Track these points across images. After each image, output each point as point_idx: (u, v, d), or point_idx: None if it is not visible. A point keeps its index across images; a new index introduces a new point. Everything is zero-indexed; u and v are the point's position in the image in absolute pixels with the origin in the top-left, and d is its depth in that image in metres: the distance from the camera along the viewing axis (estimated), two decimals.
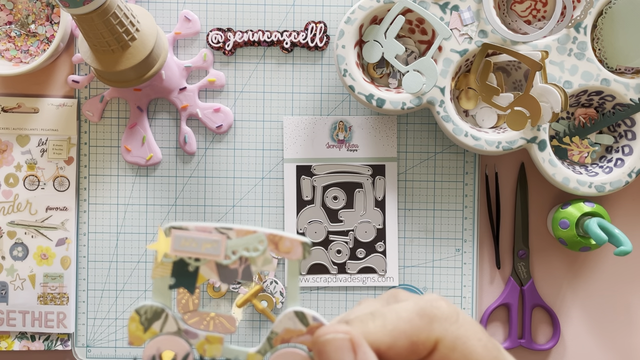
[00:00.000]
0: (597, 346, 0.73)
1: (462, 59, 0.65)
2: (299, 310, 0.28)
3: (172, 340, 0.29)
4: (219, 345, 0.29)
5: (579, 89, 0.65)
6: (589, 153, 0.69)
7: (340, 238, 0.72)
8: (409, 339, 0.26)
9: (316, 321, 0.28)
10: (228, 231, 0.28)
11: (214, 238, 0.28)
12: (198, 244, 0.28)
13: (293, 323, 0.28)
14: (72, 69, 0.72)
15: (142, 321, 0.29)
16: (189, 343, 0.29)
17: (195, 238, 0.28)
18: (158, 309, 0.29)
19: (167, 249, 0.28)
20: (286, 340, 0.29)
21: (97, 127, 0.72)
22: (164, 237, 0.28)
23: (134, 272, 0.72)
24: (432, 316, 0.27)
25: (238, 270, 0.28)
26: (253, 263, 0.28)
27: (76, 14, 0.56)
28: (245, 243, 0.28)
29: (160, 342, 0.29)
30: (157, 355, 0.29)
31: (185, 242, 0.28)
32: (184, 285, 0.28)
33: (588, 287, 0.73)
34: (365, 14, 0.64)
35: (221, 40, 0.71)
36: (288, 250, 0.28)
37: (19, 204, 0.70)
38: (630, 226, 0.72)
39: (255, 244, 0.28)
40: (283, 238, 0.28)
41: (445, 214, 0.72)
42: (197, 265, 0.28)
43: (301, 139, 0.71)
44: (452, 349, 0.26)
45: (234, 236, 0.28)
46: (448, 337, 0.26)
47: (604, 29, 0.65)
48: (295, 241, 0.28)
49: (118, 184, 0.72)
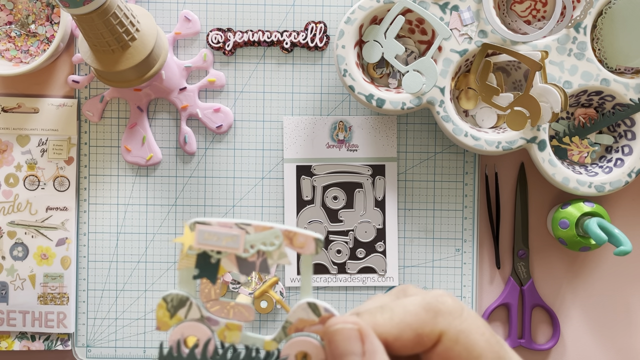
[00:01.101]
0: (597, 346, 0.73)
1: (462, 59, 0.65)
2: (311, 302, 0.30)
3: (195, 327, 0.31)
4: (238, 332, 0.31)
5: (578, 89, 0.65)
6: (588, 153, 0.69)
7: (340, 238, 0.72)
8: (414, 331, 0.28)
9: (327, 312, 0.30)
10: (247, 227, 0.30)
11: (234, 233, 0.30)
12: (220, 238, 0.30)
13: (306, 313, 0.30)
14: (72, 69, 0.72)
15: (168, 308, 0.31)
16: (211, 329, 0.31)
17: (217, 232, 0.30)
18: (183, 297, 0.31)
19: (192, 242, 0.30)
20: (300, 329, 0.31)
21: (97, 127, 0.72)
22: (189, 232, 0.30)
23: (134, 272, 0.72)
24: (437, 310, 0.28)
25: (256, 262, 0.31)
26: (269, 256, 0.31)
27: (76, 14, 0.56)
28: (262, 238, 0.30)
29: (184, 328, 0.31)
30: (182, 339, 0.31)
31: (208, 236, 0.30)
32: (207, 275, 0.31)
33: (588, 287, 0.73)
34: (365, 14, 0.64)
35: (221, 40, 0.71)
36: (302, 246, 0.30)
37: (19, 204, 0.71)
38: (630, 226, 0.72)
39: (272, 239, 0.30)
40: (297, 234, 0.30)
41: (445, 214, 0.72)
42: (219, 258, 0.31)
43: (301, 139, 0.71)
44: (455, 341, 0.28)
45: (253, 231, 0.30)
46: (452, 331, 0.28)
47: (604, 29, 0.66)
48: (309, 237, 0.30)
49: (118, 184, 0.72)
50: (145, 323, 0.72)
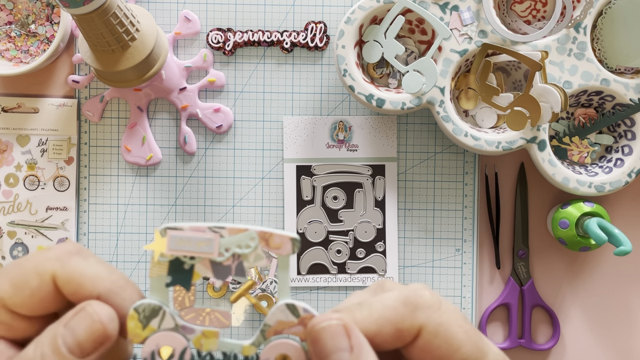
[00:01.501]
0: (597, 346, 0.73)
1: (462, 59, 0.65)
2: (290, 303, 0.29)
3: (170, 336, 0.30)
4: (215, 340, 0.30)
5: (578, 89, 0.65)
6: (588, 153, 0.69)
7: (340, 238, 0.72)
8: (394, 326, 0.28)
9: (307, 312, 0.29)
10: (221, 230, 0.29)
11: (208, 237, 0.29)
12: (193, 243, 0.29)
13: (285, 315, 0.29)
14: (72, 69, 0.72)
15: (140, 319, 0.29)
16: (186, 338, 0.30)
17: (190, 237, 0.29)
18: (156, 306, 0.30)
19: (164, 248, 0.29)
20: (279, 332, 0.30)
21: (97, 127, 0.72)
22: (159, 238, 0.29)
23: (134, 272, 0.72)
24: (416, 304, 0.28)
25: (231, 266, 0.29)
26: (245, 259, 0.30)
27: (76, 14, 0.56)
28: (237, 241, 0.29)
29: (158, 339, 0.30)
30: (156, 351, 0.30)
31: (181, 242, 0.29)
32: (180, 282, 0.30)
33: (588, 287, 0.73)
34: (365, 14, 0.64)
35: (221, 40, 0.71)
36: (278, 246, 0.29)
37: (19, 204, 0.71)
38: (630, 226, 0.72)
39: (247, 241, 0.29)
40: (273, 235, 0.29)
41: (445, 214, 0.72)
42: (192, 263, 0.29)
43: (301, 139, 0.71)
44: (435, 334, 0.28)
45: (227, 234, 0.29)
46: (431, 324, 0.28)
47: (604, 29, 0.66)
48: (285, 237, 0.29)
49: (118, 184, 0.72)
50: None
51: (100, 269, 0.29)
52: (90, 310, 0.28)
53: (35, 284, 0.28)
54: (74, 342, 0.27)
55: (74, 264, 0.29)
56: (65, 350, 0.27)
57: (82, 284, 0.28)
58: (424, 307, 0.28)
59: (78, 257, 0.29)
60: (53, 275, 0.28)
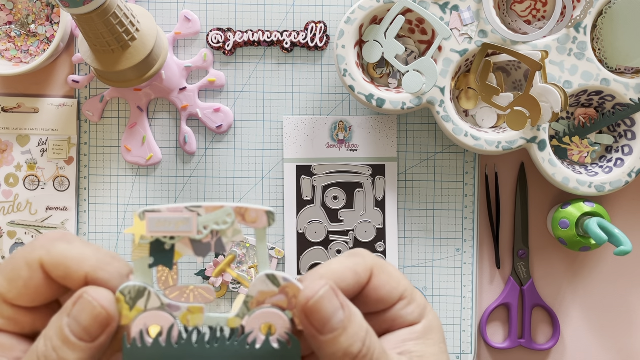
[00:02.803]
0: (597, 346, 0.73)
1: (462, 59, 0.65)
2: (269, 273, 0.31)
3: (157, 315, 0.31)
4: (200, 315, 0.31)
5: (578, 89, 0.65)
6: (588, 153, 0.69)
7: (340, 238, 0.72)
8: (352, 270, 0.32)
9: (286, 281, 0.31)
10: (198, 209, 0.30)
11: (186, 216, 0.30)
12: (171, 223, 0.30)
13: (266, 285, 0.31)
14: (72, 69, 0.72)
15: (127, 300, 0.30)
16: (173, 316, 0.31)
17: (168, 218, 0.30)
18: (141, 287, 0.30)
19: (143, 231, 0.30)
20: (261, 302, 0.31)
21: (97, 127, 0.72)
22: (138, 221, 0.30)
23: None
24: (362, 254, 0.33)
25: (211, 243, 0.31)
26: (224, 235, 0.31)
27: (76, 14, 0.56)
28: (214, 218, 0.30)
29: (146, 318, 0.30)
30: (145, 330, 0.31)
31: (159, 223, 0.30)
32: (163, 262, 0.31)
33: (588, 287, 0.73)
34: (365, 14, 0.64)
35: (221, 40, 0.71)
36: (254, 220, 0.31)
37: (19, 204, 0.71)
38: (630, 226, 0.72)
39: (224, 217, 0.30)
40: (249, 210, 0.31)
41: (445, 214, 0.72)
42: (173, 243, 0.31)
43: (301, 139, 0.71)
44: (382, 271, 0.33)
45: (204, 213, 0.30)
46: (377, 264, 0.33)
47: (604, 29, 0.66)
48: (260, 211, 0.31)
49: (118, 184, 0.72)
50: None
51: (86, 250, 0.30)
52: (88, 296, 0.29)
53: (26, 274, 0.29)
54: (81, 330, 0.28)
55: (59, 249, 0.30)
56: (75, 338, 0.28)
57: (69, 267, 0.29)
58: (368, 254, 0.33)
59: (62, 242, 0.30)
60: (40, 262, 0.29)
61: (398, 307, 0.33)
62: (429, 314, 0.34)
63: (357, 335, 0.30)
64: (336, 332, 0.30)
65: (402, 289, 0.33)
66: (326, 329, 0.30)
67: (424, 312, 0.34)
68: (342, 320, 0.30)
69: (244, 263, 0.70)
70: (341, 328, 0.30)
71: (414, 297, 0.33)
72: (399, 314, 0.33)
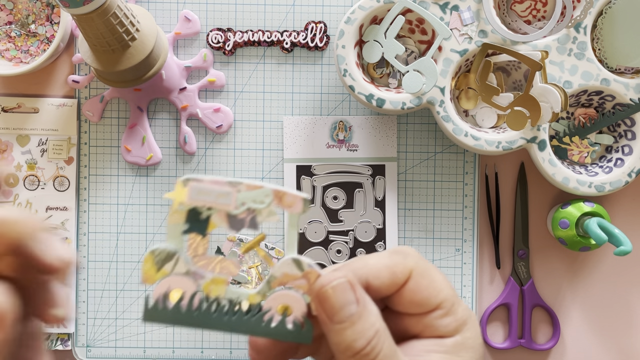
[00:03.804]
0: (597, 346, 0.73)
1: (462, 59, 0.65)
2: (296, 258, 0.32)
3: (181, 280, 0.32)
4: (223, 286, 0.32)
5: (578, 88, 0.65)
6: (588, 153, 0.69)
7: (340, 238, 0.72)
8: (389, 269, 0.33)
9: (310, 267, 0.32)
10: (239, 185, 0.32)
11: (227, 190, 0.31)
12: (212, 194, 0.31)
13: (290, 268, 0.32)
14: (72, 69, 0.72)
15: (155, 262, 0.32)
16: (197, 283, 0.32)
17: (210, 189, 0.31)
18: (171, 251, 0.32)
19: (184, 198, 0.31)
20: (283, 283, 0.32)
21: (97, 127, 0.72)
22: (180, 188, 0.31)
23: (134, 272, 0.72)
24: (405, 253, 0.34)
25: (245, 219, 0.32)
26: (259, 214, 0.32)
27: (76, 14, 0.56)
28: (253, 196, 0.32)
29: (170, 282, 0.32)
30: (167, 292, 0.32)
31: (200, 193, 0.31)
32: (196, 230, 0.32)
33: (588, 287, 0.73)
34: (365, 14, 0.64)
35: (221, 40, 0.71)
36: (290, 205, 0.32)
37: (19, 204, 0.71)
38: (630, 226, 0.72)
39: (262, 197, 0.32)
40: (286, 194, 0.32)
41: (445, 214, 0.72)
42: (209, 214, 0.32)
43: (301, 139, 0.71)
44: (422, 275, 0.33)
45: (244, 190, 0.32)
46: (419, 267, 0.33)
47: (604, 29, 0.66)
48: (297, 197, 0.32)
49: (118, 184, 0.72)
50: (145, 323, 0.72)
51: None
52: None
53: None
54: None
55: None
56: None
57: None
58: (411, 255, 0.33)
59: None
60: None
61: (433, 316, 0.33)
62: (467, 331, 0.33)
63: (363, 333, 0.30)
64: (344, 324, 0.31)
65: (441, 298, 0.33)
66: (335, 318, 0.31)
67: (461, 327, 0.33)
68: (352, 314, 0.31)
69: (244, 263, 0.70)
70: (349, 321, 0.31)
71: (453, 310, 0.33)
72: (431, 322, 0.33)
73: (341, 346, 0.31)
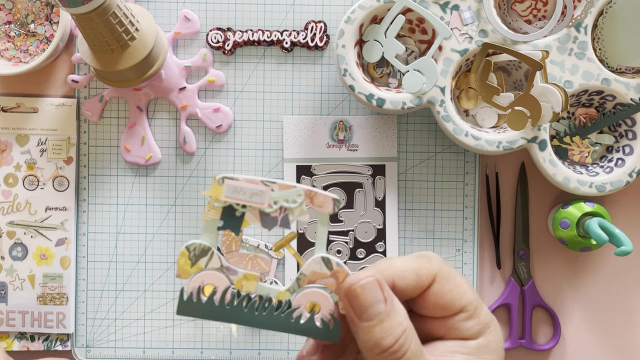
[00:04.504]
0: (598, 346, 0.73)
1: (463, 58, 0.65)
2: (325, 256, 0.33)
3: (214, 276, 0.33)
4: (254, 282, 0.33)
5: (579, 88, 0.65)
6: (589, 153, 0.69)
7: (341, 238, 0.71)
8: (414, 271, 0.33)
9: (339, 267, 0.33)
10: (272, 184, 0.33)
11: (261, 189, 0.33)
12: (246, 193, 0.33)
13: (319, 267, 0.33)
14: (71, 69, 0.71)
15: (190, 257, 0.33)
16: (229, 279, 0.33)
17: (245, 188, 0.33)
18: (206, 247, 0.33)
19: (220, 195, 0.33)
20: (312, 281, 0.33)
21: (96, 127, 0.72)
22: (217, 186, 0.33)
23: (133, 272, 0.72)
24: (430, 257, 0.35)
25: (278, 217, 0.33)
26: (291, 213, 0.33)
27: (75, 14, 0.56)
28: (285, 195, 0.33)
29: (204, 276, 0.33)
30: (201, 287, 0.33)
31: (236, 191, 0.33)
32: (231, 227, 0.33)
33: (589, 287, 0.73)
34: (366, 14, 0.64)
35: (221, 39, 0.71)
36: (321, 205, 0.33)
37: (19, 204, 0.70)
38: (630, 226, 0.72)
39: (294, 196, 0.33)
40: (318, 194, 0.33)
41: (445, 214, 0.72)
42: (244, 211, 0.33)
43: (301, 138, 0.71)
44: (447, 279, 0.34)
45: (277, 189, 0.33)
46: (443, 271, 0.34)
47: (605, 28, 0.65)
48: (328, 197, 0.33)
49: (118, 184, 0.72)
50: (144, 323, 0.72)
51: None
52: None
53: None
54: None
55: None
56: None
57: None
58: (436, 259, 0.35)
59: None
60: None
61: (457, 318, 0.34)
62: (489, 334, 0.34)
63: (391, 331, 0.31)
64: (372, 322, 0.32)
65: (465, 302, 0.34)
66: (364, 316, 0.32)
67: (484, 330, 0.34)
68: (381, 312, 0.32)
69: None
70: (377, 320, 0.32)
71: (477, 313, 0.34)
72: (456, 325, 0.34)
73: (369, 344, 0.32)
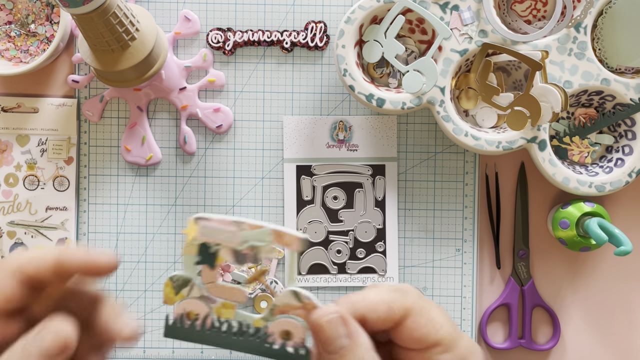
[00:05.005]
0: (597, 346, 0.73)
1: (462, 58, 0.65)
2: (295, 290, 0.36)
3: (195, 303, 0.37)
4: (232, 310, 0.37)
5: (579, 88, 0.65)
6: (589, 153, 0.69)
7: (340, 238, 0.71)
8: (386, 304, 0.35)
9: (308, 299, 0.36)
10: (242, 224, 0.35)
11: (232, 229, 0.35)
12: (219, 232, 0.35)
13: (290, 299, 0.36)
14: (72, 69, 0.72)
15: (174, 286, 0.37)
16: (209, 306, 0.37)
17: (217, 228, 0.35)
18: (186, 278, 0.37)
19: (195, 234, 0.36)
20: (284, 312, 0.36)
21: (97, 127, 0.72)
22: (192, 225, 0.36)
23: (133, 272, 0.72)
24: (406, 290, 0.36)
25: (249, 255, 0.36)
26: (261, 251, 0.36)
27: (76, 14, 0.56)
28: (255, 235, 0.35)
29: (186, 304, 0.37)
30: (185, 313, 0.37)
31: (209, 231, 0.35)
32: (207, 262, 0.36)
33: (588, 287, 0.73)
34: (366, 14, 0.64)
35: (221, 40, 0.71)
36: (289, 243, 0.35)
37: (19, 204, 0.70)
38: (630, 226, 0.72)
39: (263, 236, 0.35)
40: (285, 234, 0.35)
41: (445, 214, 0.72)
42: (218, 249, 0.36)
43: (301, 138, 0.71)
44: (420, 314, 0.35)
45: (247, 228, 0.35)
46: (417, 305, 0.35)
47: (604, 28, 0.65)
48: (294, 237, 0.35)
49: (118, 184, 0.72)
50: (145, 323, 0.72)
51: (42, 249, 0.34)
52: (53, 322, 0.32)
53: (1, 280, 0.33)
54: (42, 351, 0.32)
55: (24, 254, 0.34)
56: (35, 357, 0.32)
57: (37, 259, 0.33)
58: (410, 292, 0.36)
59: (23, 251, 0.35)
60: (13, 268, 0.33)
61: (434, 351, 0.35)
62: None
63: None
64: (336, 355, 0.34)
65: (440, 336, 0.34)
66: (328, 348, 0.34)
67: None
68: (344, 347, 0.34)
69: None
70: (340, 353, 0.34)
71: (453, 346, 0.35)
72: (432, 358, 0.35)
73: None
